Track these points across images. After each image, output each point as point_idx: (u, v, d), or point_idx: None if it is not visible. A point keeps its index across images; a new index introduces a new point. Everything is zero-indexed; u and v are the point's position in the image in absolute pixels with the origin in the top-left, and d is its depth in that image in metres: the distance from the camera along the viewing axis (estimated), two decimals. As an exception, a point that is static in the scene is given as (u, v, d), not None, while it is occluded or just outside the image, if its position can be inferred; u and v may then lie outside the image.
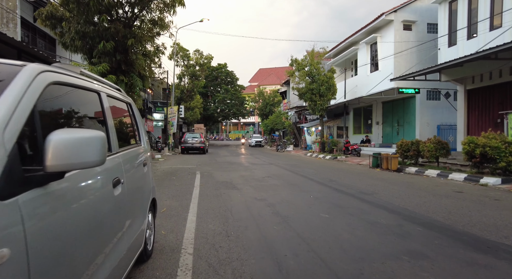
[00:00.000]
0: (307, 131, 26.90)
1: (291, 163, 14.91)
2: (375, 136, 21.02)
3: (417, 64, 16.34)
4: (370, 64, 19.67)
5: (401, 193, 6.86)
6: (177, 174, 10.25)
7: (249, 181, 8.68)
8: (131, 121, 2.89)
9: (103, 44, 8.21)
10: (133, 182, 2.44)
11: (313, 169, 12.21)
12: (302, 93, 20.83)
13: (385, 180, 8.99)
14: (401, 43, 16.77)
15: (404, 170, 11.39)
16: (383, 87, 17.24)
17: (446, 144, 10.30)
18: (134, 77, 9.67)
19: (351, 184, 8.10)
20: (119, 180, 2.01)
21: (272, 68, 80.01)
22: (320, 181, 8.75)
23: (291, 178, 9.32)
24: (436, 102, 17.18)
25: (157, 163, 14.62)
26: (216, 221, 4.47)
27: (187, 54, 27.04)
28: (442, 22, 13.54)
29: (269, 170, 11.75)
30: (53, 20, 8.78)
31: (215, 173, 10.66)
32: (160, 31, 10.92)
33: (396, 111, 19.11)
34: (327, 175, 10.18)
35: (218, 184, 8.05)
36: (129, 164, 2.42)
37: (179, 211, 5.09)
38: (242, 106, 47.00)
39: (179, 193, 6.82)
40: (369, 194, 6.66)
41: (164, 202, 5.85)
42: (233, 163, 14.70)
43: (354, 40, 21.17)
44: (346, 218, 4.64)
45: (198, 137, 22.73)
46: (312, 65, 20.37)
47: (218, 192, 6.84)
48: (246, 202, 5.80)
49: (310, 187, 7.71)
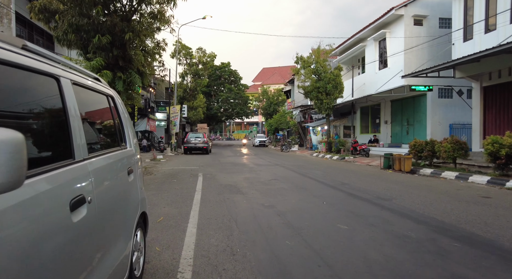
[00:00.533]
0: (313, 131, 26.25)
1: (298, 164, 14.31)
2: (384, 135, 20.34)
3: (428, 61, 15.64)
4: (379, 61, 18.98)
5: (422, 198, 6.24)
6: (178, 177, 9.70)
7: (255, 184, 8.11)
8: (112, 118, 2.32)
9: (98, 38, 7.66)
10: (110, 198, 1.88)
11: (321, 170, 11.61)
12: (308, 92, 20.20)
13: (400, 183, 8.36)
14: (411, 39, 16.08)
15: (418, 172, 10.75)
16: (393, 85, 16.58)
17: (464, 144, 9.64)
18: (133, 73, 9.13)
19: (365, 188, 7.49)
20: (82, 199, 1.44)
21: (276, 67, 79.38)
22: (331, 184, 8.15)
23: (300, 181, 8.73)
24: (448, 100, 16.48)
25: (158, 164, 14.10)
26: (219, 234, 3.90)
27: (189, 52, 26.50)
28: (457, 15, 12.85)
29: (275, 171, 11.16)
30: (46, 14, 8.26)
31: (219, 175, 10.10)
32: (161, 26, 10.37)
33: (406, 110, 18.42)
34: (337, 177, 9.57)
35: (222, 188, 7.48)
36: (105, 174, 1.86)
37: (177, 221, 4.52)
38: (246, 106, 46.41)
39: (179, 198, 6.26)
40: (387, 200, 6.05)
41: (162, 209, 5.29)
42: (237, 164, 14.14)
43: (362, 37, 20.50)
44: (368, 231, 4.04)
45: (201, 137, 22.17)
46: (318, 63, 19.73)
47: (222, 197, 6.27)
48: (252, 210, 5.22)
49: (321, 191, 7.11)
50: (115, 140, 2.32)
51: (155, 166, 13.33)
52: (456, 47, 13.06)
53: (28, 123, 1.30)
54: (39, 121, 1.38)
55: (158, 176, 9.83)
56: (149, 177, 9.73)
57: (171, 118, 23.79)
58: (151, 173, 10.76)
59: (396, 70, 16.68)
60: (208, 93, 44.88)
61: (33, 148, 1.25)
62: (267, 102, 41.36)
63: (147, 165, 13.46)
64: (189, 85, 27.95)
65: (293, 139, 29.20)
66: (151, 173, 10.65)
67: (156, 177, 9.71)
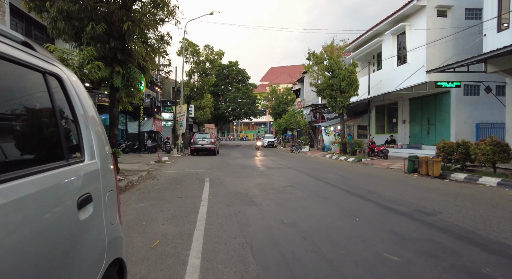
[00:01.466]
0: (325, 131, 25.11)
1: (312, 167, 13.26)
2: (401, 136, 19.13)
3: (454, 55, 14.43)
4: (397, 57, 17.79)
5: (472, 212, 5.16)
6: (182, 182, 8.77)
7: (269, 192, 7.12)
8: (54, 112, 1.36)
9: (92, 26, 6.75)
10: (28, 256, 0.93)
11: (339, 174, 10.55)
12: (321, 89, 19.11)
13: (435, 191, 7.27)
14: (434, 31, 14.86)
15: (448, 177, 9.62)
16: (413, 82, 15.40)
17: (507, 146, 8.48)
18: (133, 68, 8.22)
19: (397, 197, 6.43)
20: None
21: (284, 67, 78.31)
22: (356, 192, 7.11)
23: (319, 188, 7.70)
24: (475, 97, 15.22)
25: (162, 167, 13.23)
26: (231, 270, 2.92)
27: (196, 50, 25.63)
28: (490, 2, 11.63)
29: (289, 176, 10.15)
30: (37, 2, 7.41)
31: (227, 180, 9.14)
32: (164, 17, 9.47)
33: (426, 108, 17.19)
34: (359, 183, 8.52)
35: (231, 197, 6.52)
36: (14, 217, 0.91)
37: (177, 247, 3.57)
38: (254, 105, 45.43)
39: (182, 211, 5.31)
40: (431, 214, 4.99)
41: (160, 227, 4.34)
42: (246, 167, 13.16)
43: (378, 31, 19.34)
44: (430, 265, 3.02)
45: (208, 138, 21.26)
46: (332, 59, 18.62)
47: (232, 210, 5.31)
48: (270, 229, 4.23)
49: (347, 202, 6.08)
50: (56, 149, 1.36)
51: (159, 169, 12.45)
52: (488, 39, 11.84)
53: None
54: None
55: (160, 181, 8.93)
56: (151, 182, 8.83)
57: (178, 117, 22.97)
58: (153, 177, 9.87)
59: (417, 66, 15.49)
60: (215, 92, 44.07)
61: None
62: (276, 101, 40.30)
63: (150, 168, 12.60)
64: (196, 84, 27.09)
65: (304, 139, 28.10)
66: (154, 178, 9.76)
67: (159, 182, 8.81)
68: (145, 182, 8.82)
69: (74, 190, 1.36)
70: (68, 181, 1.33)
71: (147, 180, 9.25)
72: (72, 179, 1.36)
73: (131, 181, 8.75)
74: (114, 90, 8.55)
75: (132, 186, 8.11)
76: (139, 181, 9.04)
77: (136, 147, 22.02)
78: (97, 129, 1.77)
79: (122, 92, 8.32)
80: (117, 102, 8.98)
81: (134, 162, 14.95)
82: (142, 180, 9.27)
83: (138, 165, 13.50)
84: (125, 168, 11.89)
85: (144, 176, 10.09)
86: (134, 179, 9.13)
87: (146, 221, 4.67)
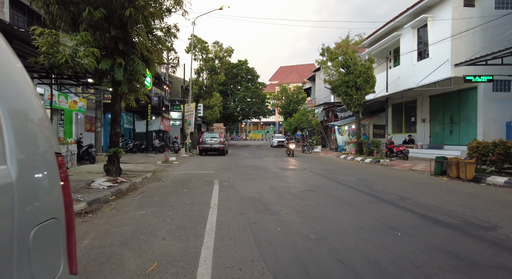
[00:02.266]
0: (338, 130, 24.10)
1: (328, 168, 12.37)
2: (420, 135, 18.03)
3: (483, 48, 13.32)
4: (417, 52, 16.73)
5: (538, 226, 4.24)
6: (189, 184, 8.02)
7: (286, 197, 6.30)
8: None
9: (88, 10, 6.05)
10: None
11: (359, 177, 9.65)
12: (336, 86, 18.15)
13: (477, 198, 6.33)
14: (460, 22, 13.78)
15: (484, 180, 8.63)
16: (436, 77, 14.34)
17: (556, 147, 7.47)
18: (136, 60, 7.50)
19: (436, 205, 5.53)
20: None
21: (293, 66, 77.22)
22: (385, 198, 6.23)
23: (342, 193, 6.84)
24: (505, 94, 14.04)
25: (169, 167, 12.53)
26: (250, 313, 2.13)
27: (205, 47, 24.94)
28: (527, -11, 10.55)
29: (305, 178, 9.31)
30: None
31: (238, 182, 8.35)
32: (171, 7, 8.74)
33: (449, 106, 16.07)
34: (385, 186, 7.62)
35: (244, 203, 5.72)
36: None
37: (178, 274, 2.78)
38: (263, 105, 44.55)
39: (187, 221, 4.54)
40: (490, 230, 4.10)
41: (160, 243, 3.57)
42: (257, 168, 12.35)
43: (396, 25, 18.28)
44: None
45: (217, 137, 20.55)
46: (347, 54, 17.65)
47: (245, 220, 4.51)
48: (295, 248, 3.42)
49: (379, 211, 5.21)
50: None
51: (166, 169, 11.76)
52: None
53: None
54: None
55: (166, 184, 8.19)
56: (156, 184, 8.11)
57: (186, 116, 22.32)
58: (159, 179, 9.16)
59: (440, 61, 14.43)
60: (224, 92, 43.40)
61: None
62: (286, 100, 39.37)
63: (156, 168, 11.91)
64: (205, 82, 26.42)
65: (316, 139, 27.13)
66: (159, 179, 9.05)
67: (164, 185, 8.07)
68: (149, 185, 8.10)
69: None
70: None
71: (151, 182, 8.54)
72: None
73: (134, 183, 8.04)
74: (116, 84, 7.86)
75: (134, 189, 7.40)
76: (142, 184, 8.33)
77: (143, 147, 21.47)
78: (25, 123, 0.99)
79: (124, 86, 7.61)
80: (119, 97, 8.29)
81: (141, 162, 14.31)
82: (146, 182, 8.56)
83: (144, 165, 12.84)
84: (130, 168, 11.23)
85: (149, 178, 9.39)
86: (138, 181, 8.43)
87: (145, 234, 3.91)
